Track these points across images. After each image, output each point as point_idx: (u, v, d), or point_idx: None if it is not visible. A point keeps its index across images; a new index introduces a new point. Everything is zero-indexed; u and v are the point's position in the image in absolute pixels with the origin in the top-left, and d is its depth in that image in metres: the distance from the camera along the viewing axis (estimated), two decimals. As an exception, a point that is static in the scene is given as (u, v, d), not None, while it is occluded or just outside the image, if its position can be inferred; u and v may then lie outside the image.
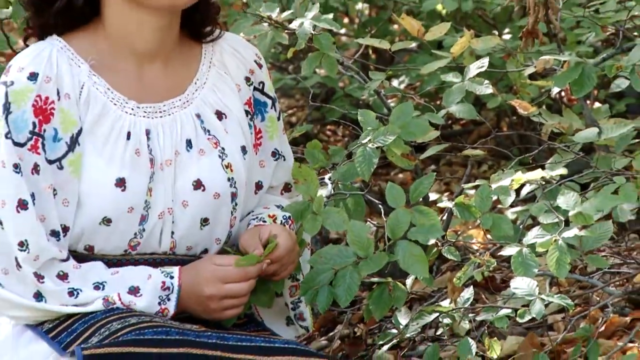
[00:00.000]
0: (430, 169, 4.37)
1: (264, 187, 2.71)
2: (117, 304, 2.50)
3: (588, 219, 2.63)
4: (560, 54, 3.24)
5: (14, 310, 2.52)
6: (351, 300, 2.63)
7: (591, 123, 3.09)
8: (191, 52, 2.66)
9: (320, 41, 3.42)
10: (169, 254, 2.59)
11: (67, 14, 2.57)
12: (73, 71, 2.55)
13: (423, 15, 4.00)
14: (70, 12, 2.57)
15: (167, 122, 2.59)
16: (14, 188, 2.48)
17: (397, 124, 2.84)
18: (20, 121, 2.49)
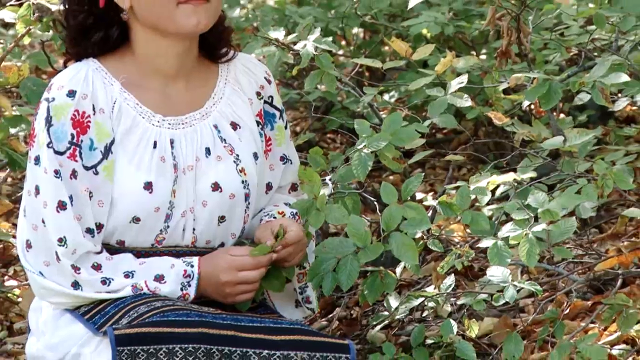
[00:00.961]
0: (417, 171, 4.36)
1: (274, 188, 2.71)
2: (144, 290, 2.50)
3: (554, 216, 2.64)
4: (530, 72, 3.24)
5: (54, 297, 2.53)
6: (352, 284, 2.65)
7: (557, 132, 3.09)
8: (209, 71, 2.66)
9: (321, 61, 3.42)
10: (191, 247, 2.59)
11: (103, 44, 2.58)
12: (106, 89, 2.55)
13: (410, 38, 3.99)
14: (106, 43, 2.58)
15: (189, 132, 2.59)
16: (54, 191, 2.49)
17: (388, 132, 2.83)
18: (60, 132, 2.50)
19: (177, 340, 2.33)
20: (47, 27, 4.01)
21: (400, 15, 4.25)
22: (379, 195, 2.75)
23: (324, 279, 2.62)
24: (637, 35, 3.41)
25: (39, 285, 2.53)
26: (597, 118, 4.00)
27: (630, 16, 3.34)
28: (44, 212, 2.49)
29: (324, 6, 4.44)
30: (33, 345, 2.60)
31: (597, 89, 3.01)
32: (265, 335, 2.39)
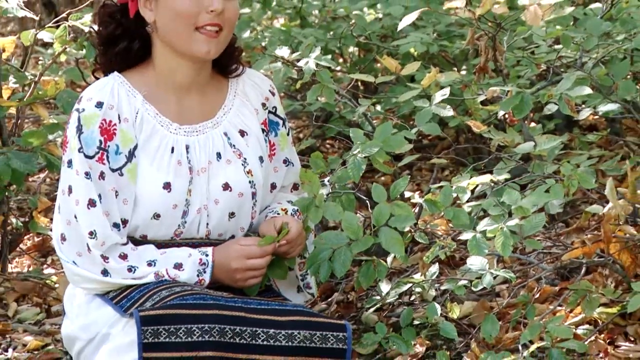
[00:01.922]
0: (405, 173, 4.36)
1: (278, 187, 2.71)
2: (165, 277, 2.50)
3: (526, 212, 2.64)
4: (504, 86, 3.24)
5: (86, 284, 2.52)
6: (345, 272, 2.64)
7: (528, 138, 3.08)
8: (220, 85, 2.66)
9: (321, 76, 3.41)
10: (205, 240, 2.58)
11: (125, 54, 2.58)
12: (130, 100, 2.55)
13: (400, 56, 3.99)
14: (128, 54, 2.58)
15: (202, 139, 2.58)
16: (85, 190, 2.49)
17: (380, 140, 2.83)
18: (89, 139, 2.50)
19: (194, 320, 2.33)
20: (81, 46, 4.01)
21: (391, 36, 4.25)
22: (371, 194, 2.75)
23: (320, 266, 2.62)
24: (598, 54, 3.41)
25: (72, 273, 2.53)
26: (563, 126, 4.00)
27: (592, 37, 3.34)
28: (76, 209, 2.49)
29: (323, 28, 4.44)
30: (68, 326, 2.60)
31: (563, 101, 3.01)
32: (271, 316, 2.38)
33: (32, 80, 4.06)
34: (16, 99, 3.92)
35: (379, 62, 3.99)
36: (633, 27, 3.46)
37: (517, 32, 3.66)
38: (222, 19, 2.50)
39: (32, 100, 3.92)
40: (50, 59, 4.13)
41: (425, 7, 3.88)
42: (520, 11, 3.30)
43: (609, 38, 3.45)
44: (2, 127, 4.02)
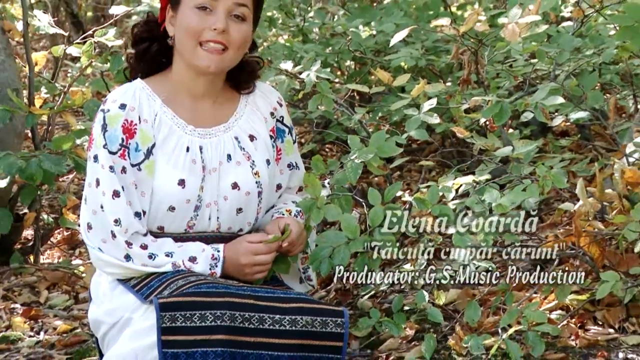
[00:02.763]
0: (397, 174, 4.36)
1: (283, 188, 2.70)
2: (182, 267, 2.49)
3: (505, 209, 2.63)
4: (485, 96, 3.24)
5: (109, 268, 2.52)
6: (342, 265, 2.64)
7: (507, 143, 3.08)
8: (233, 95, 2.65)
9: (321, 87, 3.41)
10: (216, 232, 2.57)
11: (149, 63, 2.60)
12: (150, 103, 2.55)
13: (391, 69, 3.99)
14: (152, 62, 2.60)
15: (214, 141, 2.58)
16: (110, 182, 2.48)
17: (375, 146, 2.83)
18: (113, 137, 2.50)
19: (207, 307, 2.32)
20: (106, 60, 4.02)
21: (384, 50, 4.24)
22: (365, 193, 2.75)
23: (321, 263, 2.61)
24: (570, 67, 3.41)
25: (97, 258, 2.52)
26: (538, 132, 4.00)
27: (564, 52, 3.34)
28: (102, 199, 2.48)
29: (323, 44, 4.44)
30: (94, 311, 2.60)
31: (538, 109, 3.01)
32: (277, 304, 2.38)
33: (61, 90, 4.06)
34: (47, 108, 3.93)
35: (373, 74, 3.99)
36: (601, 43, 3.46)
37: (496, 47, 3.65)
38: (227, 38, 2.49)
39: (62, 109, 3.92)
40: (78, 72, 4.13)
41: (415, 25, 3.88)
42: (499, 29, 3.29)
43: (579, 53, 3.45)
44: (35, 133, 4.02)
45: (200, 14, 2.49)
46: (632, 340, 2.75)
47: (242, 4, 2.50)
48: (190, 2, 2.50)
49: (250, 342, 2.33)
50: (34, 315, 3.43)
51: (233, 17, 2.50)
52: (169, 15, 2.55)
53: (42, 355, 3.06)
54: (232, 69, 2.60)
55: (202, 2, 2.49)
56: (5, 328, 3.35)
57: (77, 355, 3.02)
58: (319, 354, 2.39)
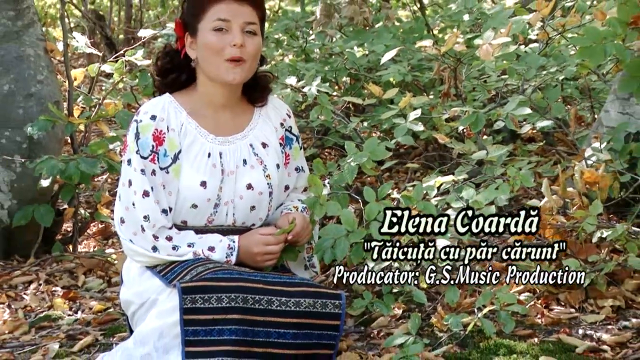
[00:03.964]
0: (386, 175, 4.35)
1: (290, 188, 2.68)
2: (201, 256, 2.48)
3: (480, 205, 2.63)
4: (463, 107, 3.24)
5: (139, 257, 2.51)
6: (344, 256, 2.63)
7: (482, 147, 3.08)
8: (248, 108, 2.64)
9: (321, 99, 3.41)
10: (232, 226, 2.56)
11: (175, 82, 2.59)
12: (177, 115, 2.54)
13: (382, 83, 3.99)
14: (176, 81, 2.59)
15: (232, 148, 2.57)
16: (141, 183, 2.47)
17: (368, 150, 2.83)
18: (144, 144, 2.49)
19: (223, 290, 2.31)
20: (135, 76, 4.02)
21: (375, 68, 4.23)
22: (360, 192, 2.74)
23: (325, 253, 2.61)
24: (536, 82, 3.41)
25: (128, 248, 2.51)
26: (509, 138, 3.99)
27: (531, 69, 3.34)
28: (134, 198, 2.48)
29: (323, 62, 4.43)
30: (125, 293, 2.59)
31: (509, 118, 3.01)
32: (283, 287, 2.36)
33: (96, 102, 4.06)
34: (84, 117, 3.92)
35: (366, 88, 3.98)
36: (563, 62, 3.47)
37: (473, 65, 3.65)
38: (244, 52, 2.49)
39: (97, 118, 3.92)
40: (110, 86, 4.13)
41: (402, 46, 3.89)
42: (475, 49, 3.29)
43: (544, 70, 3.46)
44: (73, 139, 4.01)
45: (218, 34, 2.49)
46: (590, 318, 2.75)
47: (252, 22, 2.51)
48: (208, 27, 2.50)
49: (260, 321, 2.32)
50: (72, 297, 3.42)
51: (246, 33, 2.50)
52: (188, 42, 2.55)
53: (79, 332, 3.05)
54: (248, 85, 2.60)
55: (218, 24, 2.49)
56: (47, 308, 3.35)
57: (110, 331, 3.02)
58: (320, 331, 2.39)
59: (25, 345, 2.96)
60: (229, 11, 2.48)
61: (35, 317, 3.25)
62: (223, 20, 2.48)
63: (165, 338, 2.37)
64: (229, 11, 2.48)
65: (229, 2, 2.49)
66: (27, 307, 3.37)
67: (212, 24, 2.49)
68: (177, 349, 2.34)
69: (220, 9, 2.49)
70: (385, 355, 2.62)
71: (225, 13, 2.48)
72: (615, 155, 2.95)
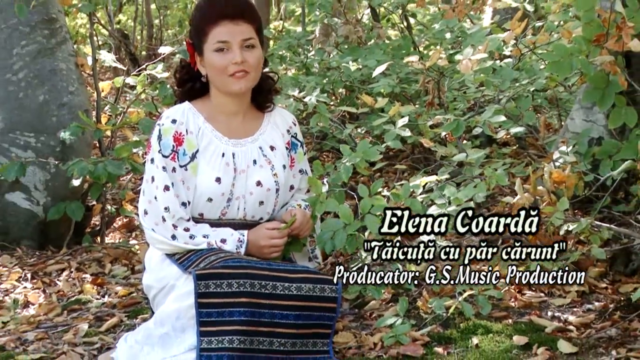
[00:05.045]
0: (377, 174, 4.34)
1: (295, 188, 2.67)
2: (214, 246, 2.47)
3: (460, 201, 2.62)
4: (445, 115, 3.23)
5: (160, 245, 2.50)
6: (342, 246, 2.62)
7: (462, 151, 3.07)
8: (257, 114, 2.64)
9: (320, 108, 3.41)
10: (242, 220, 2.56)
11: (191, 91, 2.59)
12: (195, 120, 2.53)
13: (373, 94, 3.98)
14: (192, 91, 2.59)
15: (244, 150, 2.56)
16: (162, 179, 2.47)
17: (361, 152, 2.82)
18: (166, 144, 2.49)
19: (233, 277, 2.31)
20: (155, 88, 4.01)
21: (367, 80, 4.22)
22: (355, 189, 2.73)
23: (325, 243, 2.60)
24: (510, 93, 3.40)
25: (151, 237, 2.51)
26: (486, 142, 3.98)
27: (506, 81, 3.33)
28: (156, 192, 2.47)
29: (321, 75, 4.42)
30: (147, 279, 2.58)
31: (486, 125, 3.00)
32: (286, 274, 2.36)
33: (121, 111, 4.06)
34: (111, 124, 3.92)
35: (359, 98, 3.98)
36: (534, 75, 3.46)
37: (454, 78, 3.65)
38: (246, 65, 2.48)
39: (122, 125, 3.92)
40: (134, 97, 4.13)
41: (391, 61, 3.88)
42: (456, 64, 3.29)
43: (517, 82, 3.45)
44: (101, 143, 4.01)
45: (220, 54, 2.48)
46: (558, 302, 2.75)
47: (249, 38, 2.49)
48: (210, 48, 2.49)
49: (266, 304, 2.32)
50: (100, 283, 3.41)
51: (245, 48, 2.48)
52: (198, 60, 2.55)
53: (106, 314, 3.05)
54: (255, 92, 2.59)
55: (219, 46, 2.48)
56: (78, 292, 3.35)
57: (133, 313, 3.01)
58: (319, 313, 2.39)
59: (58, 326, 2.96)
60: (226, 32, 2.47)
61: (67, 300, 3.25)
62: (223, 42, 2.47)
63: (182, 319, 2.36)
64: (227, 32, 2.47)
65: (226, 24, 2.47)
66: (60, 292, 3.36)
67: (213, 46, 2.48)
68: (192, 329, 2.34)
69: (218, 31, 2.47)
70: (376, 335, 2.61)
71: (224, 35, 2.47)
72: (580, 157, 2.94)
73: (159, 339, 2.39)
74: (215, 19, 2.47)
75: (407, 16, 5.06)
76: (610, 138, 2.94)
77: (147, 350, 2.40)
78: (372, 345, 2.57)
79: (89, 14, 4.01)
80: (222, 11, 2.47)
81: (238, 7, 2.49)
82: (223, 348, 2.29)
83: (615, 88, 2.67)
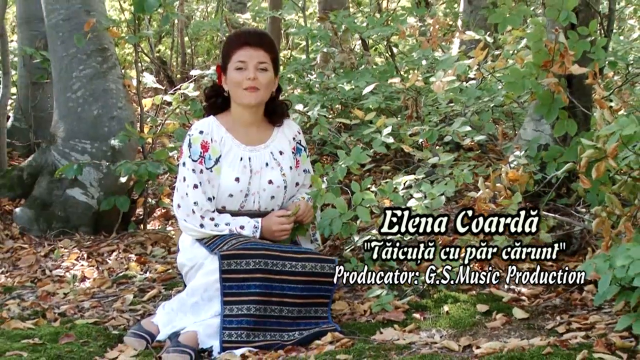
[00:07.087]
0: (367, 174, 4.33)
1: (300, 185, 2.66)
2: (235, 232, 2.47)
3: (434, 196, 2.61)
4: (422, 125, 3.22)
5: (191, 232, 2.50)
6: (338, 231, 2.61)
7: (435, 154, 3.06)
8: (269, 126, 2.63)
9: (320, 120, 3.39)
10: (257, 211, 2.55)
11: (215, 105, 2.58)
12: (218, 130, 2.53)
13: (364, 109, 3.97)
14: (215, 105, 2.58)
15: (258, 154, 2.56)
16: (192, 179, 2.47)
17: (354, 156, 2.81)
18: (195, 151, 2.49)
19: (249, 257, 2.31)
20: (187, 104, 4.00)
21: (359, 98, 4.21)
22: (349, 186, 2.72)
23: (325, 229, 2.59)
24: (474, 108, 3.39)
25: (183, 225, 2.51)
26: (454, 148, 3.98)
27: (471, 98, 3.32)
28: (187, 190, 2.48)
29: (321, 94, 4.40)
30: (180, 258, 2.58)
31: (455, 134, 2.99)
32: (293, 254, 2.37)
33: (160, 122, 4.04)
34: (151, 133, 3.91)
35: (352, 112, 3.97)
36: (493, 93, 3.45)
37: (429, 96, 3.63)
38: (257, 82, 2.49)
39: (160, 134, 3.90)
40: (170, 111, 4.11)
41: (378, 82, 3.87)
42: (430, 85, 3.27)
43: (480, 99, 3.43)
44: (144, 148, 4.00)
45: (239, 72, 2.49)
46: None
47: (264, 62, 2.50)
48: (232, 67, 2.50)
49: (277, 279, 2.33)
50: (143, 262, 3.41)
51: (259, 70, 2.49)
52: (223, 79, 2.55)
53: (148, 287, 3.04)
54: (269, 111, 2.58)
55: (238, 65, 2.49)
56: (125, 269, 3.34)
57: (170, 286, 3.00)
58: (319, 286, 2.39)
59: (109, 296, 2.95)
60: (246, 55, 2.48)
61: (116, 275, 3.24)
62: (242, 62, 2.48)
63: (209, 291, 2.36)
64: (246, 55, 2.48)
65: (247, 49, 2.48)
66: (110, 268, 3.35)
67: (234, 65, 2.49)
68: (217, 299, 2.33)
69: (240, 54, 2.48)
70: (366, 303, 2.61)
71: (243, 56, 2.48)
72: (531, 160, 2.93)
73: (191, 307, 2.38)
74: (239, 45, 2.49)
75: (391, 46, 5.05)
76: (555, 144, 2.93)
77: (181, 316, 2.40)
78: (362, 312, 2.56)
79: (134, 44, 4.01)
80: (246, 39, 2.49)
81: (259, 38, 2.51)
82: (242, 314, 2.29)
83: (559, 104, 2.67)
